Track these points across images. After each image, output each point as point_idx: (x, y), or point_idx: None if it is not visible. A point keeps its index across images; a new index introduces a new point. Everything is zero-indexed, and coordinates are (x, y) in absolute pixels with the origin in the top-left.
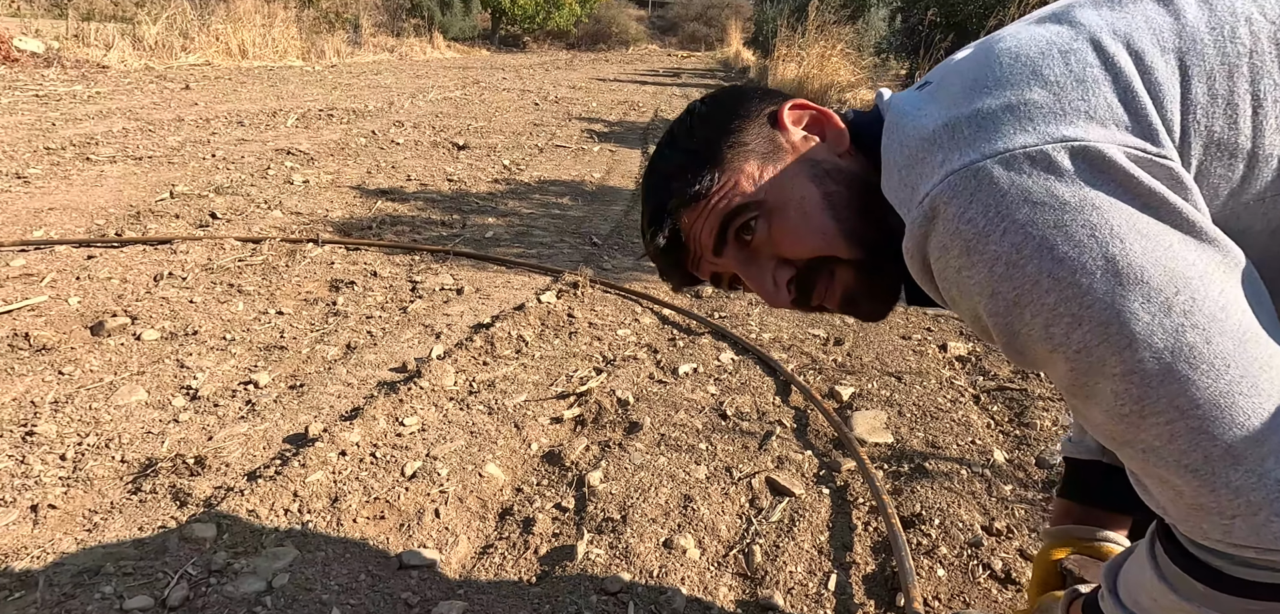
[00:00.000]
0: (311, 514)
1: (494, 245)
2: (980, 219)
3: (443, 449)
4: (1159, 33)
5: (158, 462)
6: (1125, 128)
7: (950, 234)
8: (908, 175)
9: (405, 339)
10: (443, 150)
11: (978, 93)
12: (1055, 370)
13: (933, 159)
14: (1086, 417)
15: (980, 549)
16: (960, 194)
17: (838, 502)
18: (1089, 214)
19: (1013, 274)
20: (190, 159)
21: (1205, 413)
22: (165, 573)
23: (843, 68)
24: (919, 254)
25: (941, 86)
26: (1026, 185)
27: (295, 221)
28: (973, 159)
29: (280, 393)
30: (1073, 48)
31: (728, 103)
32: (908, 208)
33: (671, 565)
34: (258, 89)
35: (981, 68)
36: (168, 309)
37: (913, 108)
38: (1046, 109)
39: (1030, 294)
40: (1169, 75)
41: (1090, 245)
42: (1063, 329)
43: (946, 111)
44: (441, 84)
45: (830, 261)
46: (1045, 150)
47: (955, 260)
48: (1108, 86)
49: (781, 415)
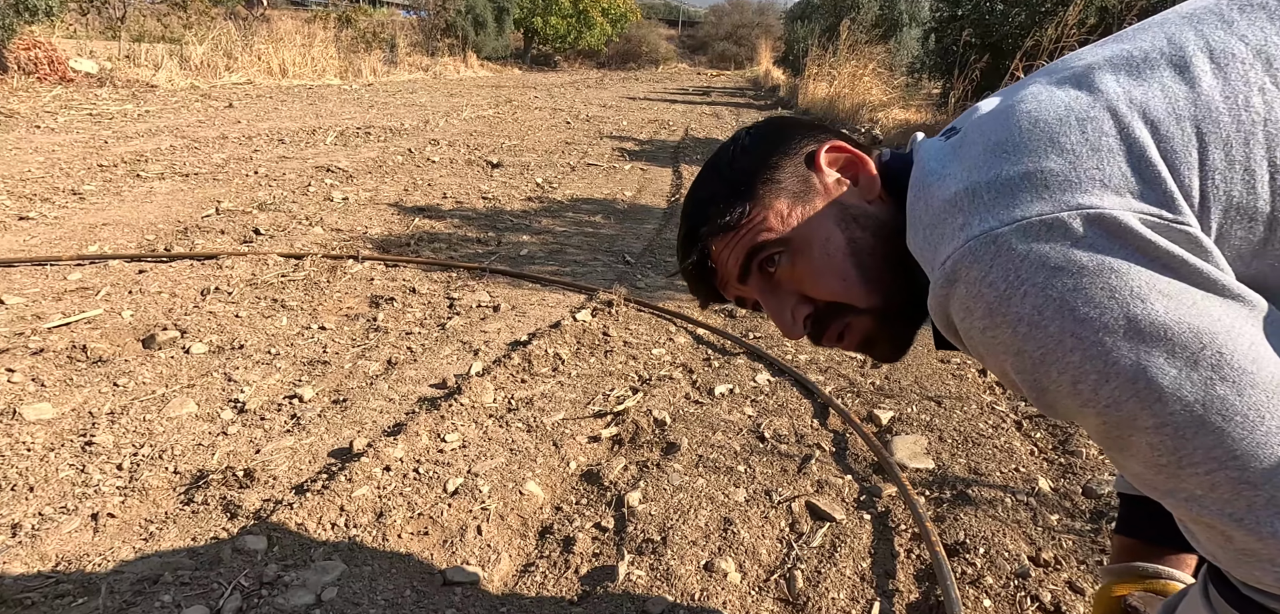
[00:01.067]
0: (358, 528)
1: (529, 263)
2: (1001, 283)
3: (483, 466)
4: (1174, 101)
5: (209, 473)
6: (1140, 195)
7: (973, 297)
8: (931, 235)
9: (444, 356)
10: (477, 168)
11: (998, 158)
12: (1088, 424)
13: (954, 222)
14: (1126, 467)
15: (1027, 580)
16: (980, 260)
17: (879, 528)
18: (1107, 277)
19: (1036, 334)
20: (234, 176)
21: (1244, 463)
22: (219, 584)
23: (875, 87)
24: (942, 312)
25: (965, 143)
26: (1044, 252)
27: (335, 238)
28: (991, 226)
29: (324, 407)
30: (1090, 116)
31: (771, 136)
32: (930, 267)
33: (713, 589)
34: (297, 107)
35: (1003, 130)
36: (215, 323)
37: (938, 165)
38: (1062, 178)
39: (1055, 353)
40: (1185, 143)
41: (1110, 306)
42: (1090, 386)
43: (968, 175)
44: (475, 102)
45: (848, 308)
46: (1061, 218)
47: (980, 322)
48: (1122, 156)
49: (820, 438)
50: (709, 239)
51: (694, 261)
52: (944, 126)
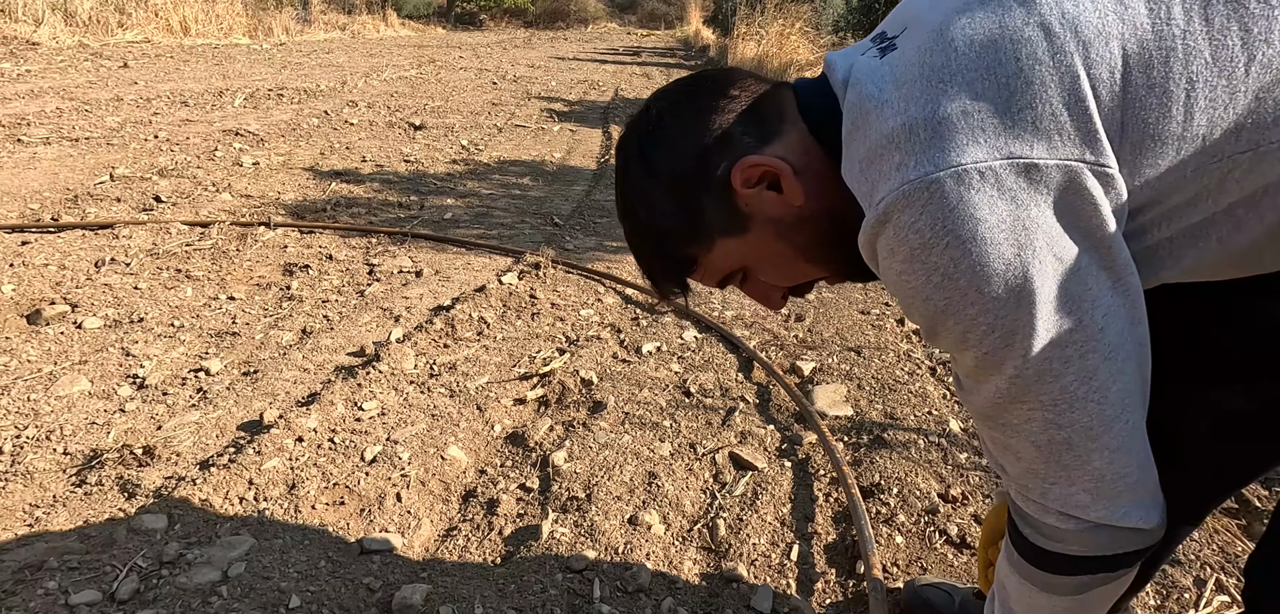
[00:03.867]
0: (268, 502)
1: (453, 227)
2: (926, 230)
3: (403, 433)
4: (1104, 17)
5: (103, 453)
6: (1068, 136)
7: (899, 239)
8: (867, 170)
9: (363, 323)
10: (399, 131)
11: (935, 88)
12: (959, 359)
13: (891, 160)
14: (969, 393)
15: (937, 516)
16: (913, 203)
17: (800, 474)
18: (1019, 234)
19: (946, 285)
20: (131, 141)
21: (1062, 409)
22: (114, 566)
23: (802, 46)
24: (870, 247)
25: (902, 63)
26: (973, 201)
27: (246, 205)
28: (927, 171)
29: (233, 380)
30: (1023, 38)
31: (676, 166)
32: (866, 202)
33: (637, 541)
34: (202, 68)
35: (940, 54)
36: (111, 296)
37: (876, 88)
38: (996, 121)
39: (957, 304)
40: (1112, 68)
41: (1015, 263)
42: (977, 335)
43: (906, 108)
44: (396, 63)
45: (817, 278)
46: (994, 167)
47: (899, 264)
48: (1054, 90)
49: (744, 391)
50: (677, 292)
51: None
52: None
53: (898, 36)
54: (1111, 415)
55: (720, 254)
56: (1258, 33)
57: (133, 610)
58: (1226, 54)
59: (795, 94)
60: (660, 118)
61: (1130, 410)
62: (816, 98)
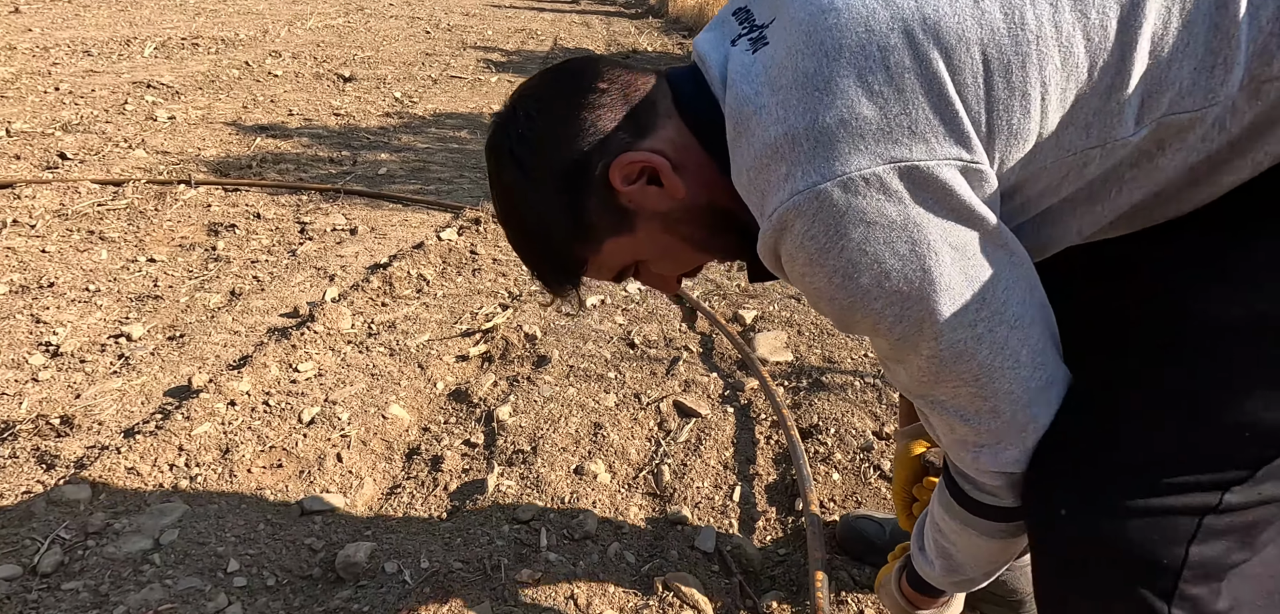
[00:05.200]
0: (200, 468)
1: (388, 183)
2: (821, 237)
3: (342, 393)
4: (962, 23)
5: (16, 424)
6: (942, 137)
7: (797, 246)
8: (756, 178)
9: (296, 283)
10: (327, 82)
11: (811, 96)
12: (877, 346)
13: (777, 171)
14: (894, 374)
15: (871, 453)
16: (804, 213)
17: (742, 419)
18: (912, 230)
19: (848, 284)
20: (28, 93)
21: (983, 382)
22: (34, 539)
23: None
24: (771, 255)
25: (774, 64)
26: (862, 207)
27: (162, 161)
28: (814, 182)
29: (158, 345)
30: (889, 45)
31: (553, 167)
32: (758, 212)
33: (583, 490)
34: (104, 14)
35: (811, 56)
36: (15, 260)
37: (751, 89)
38: (875, 128)
39: (862, 300)
40: (974, 73)
41: (911, 258)
42: (887, 324)
43: (785, 117)
44: (321, 11)
45: (707, 262)
46: (877, 173)
47: (801, 267)
48: (923, 96)
49: (688, 341)
50: (569, 290)
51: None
52: (718, 15)
53: (768, 27)
54: (1026, 377)
55: (610, 252)
56: (1098, 41)
57: (57, 583)
58: (1073, 59)
59: (670, 84)
60: (530, 119)
61: (1042, 368)
62: (692, 90)
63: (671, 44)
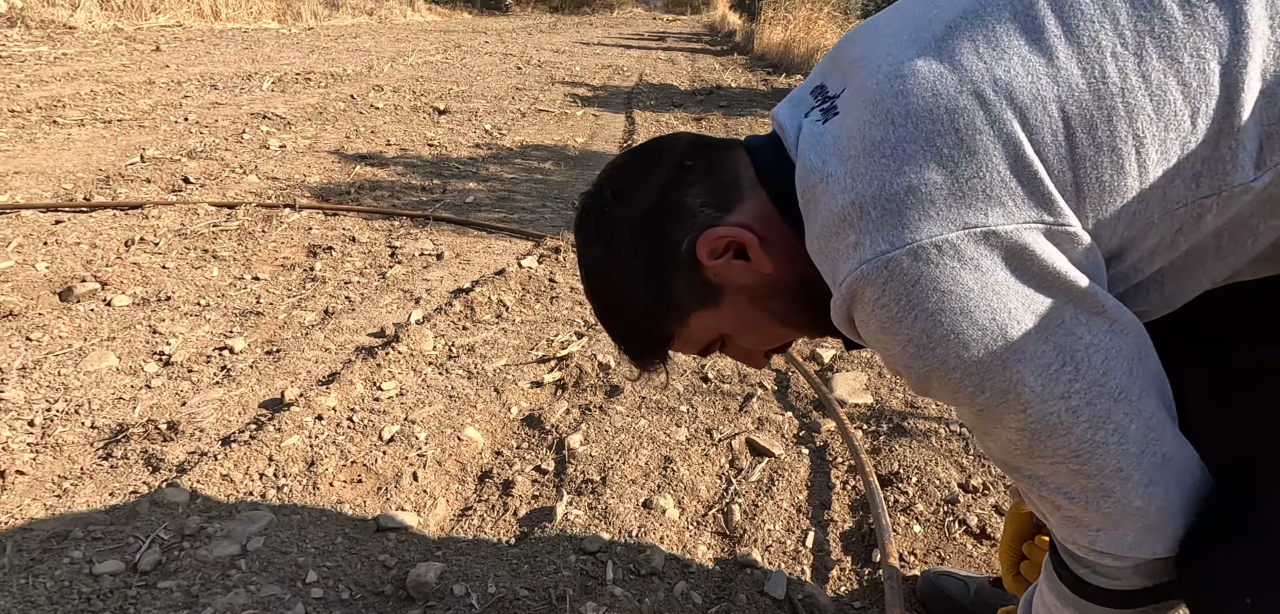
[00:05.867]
0: (287, 478)
1: (475, 210)
2: (893, 306)
3: (421, 413)
4: (1037, 82)
5: (129, 427)
6: (1021, 201)
7: (870, 315)
8: (826, 247)
9: (384, 304)
10: (423, 115)
11: (878, 164)
12: (961, 414)
13: (846, 239)
14: (983, 444)
15: (956, 506)
16: (874, 282)
17: (817, 461)
18: (990, 298)
19: (923, 354)
20: (161, 123)
21: (1085, 458)
22: (137, 537)
23: (830, 31)
24: (846, 322)
25: (843, 134)
26: (934, 276)
27: (272, 186)
28: (883, 250)
29: (256, 358)
30: (959, 107)
31: (642, 243)
32: (830, 280)
33: (651, 525)
34: (232, 52)
35: (879, 126)
36: (139, 275)
37: (819, 159)
38: (947, 193)
39: (939, 369)
40: (1053, 131)
41: (991, 328)
42: (967, 394)
43: (852, 185)
44: (422, 47)
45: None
46: (950, 240)
47: (875, 334)
48: (999, 158)
49: (763, 378)
50: (658, 364)
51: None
52: (796, 91)
53: (838, 97)
54: (1137, 452)
55: (697, 327)
56: (1196, 86)
57: (154, 581)
58: (1169, 108)
59: (750, 156)
60: (616, 197)
61: (1157, 442)
62: (773, 161)
63: (756, 80)
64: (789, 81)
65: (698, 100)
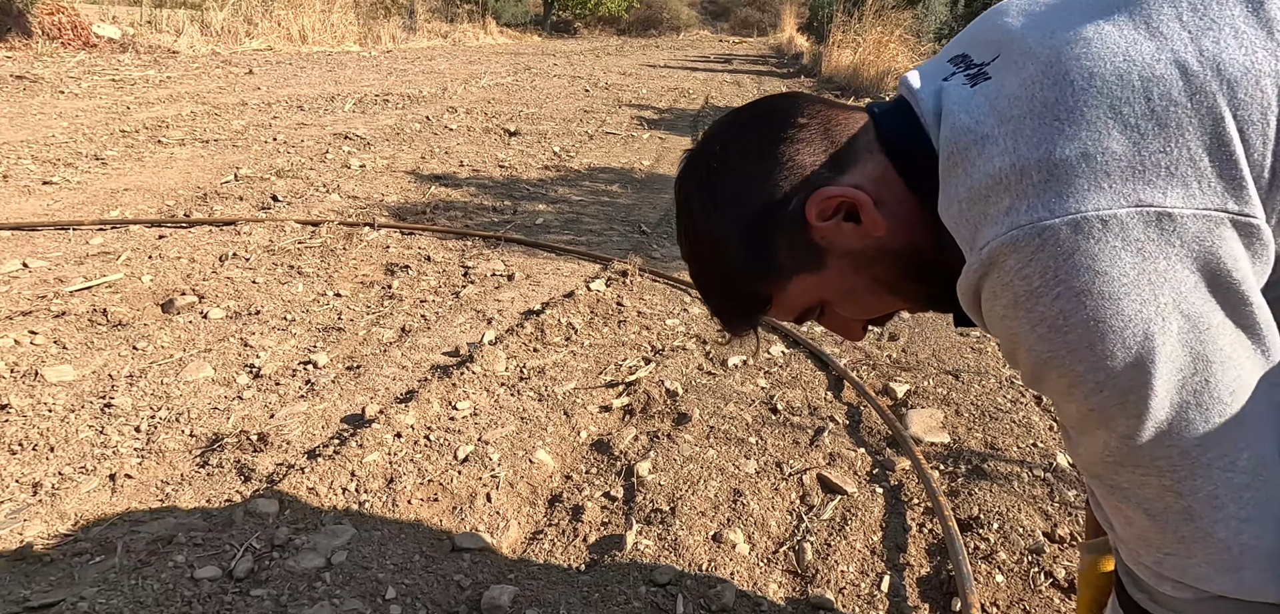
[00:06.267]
0: (368, 494)
1: (544, 232)
2: (1036, 278)
3: (494, 434)
4: (1252, 55)
5: (223, 437)
6: (1207, 184)
7: (1004, 284)
8: (970, 210)
9: (458, 324)
10: (495, 136)
11: (1049, 127)
12: (1064, 409)
13: (998, 203)
14: (1073, 445)
15: (1042, 556)
16: (1021, 249)
17: (892, 501)
18: (1143, 288)
19: (1053, 337)
20: (253, 142)
21: (1182, 476)
22: (232, 545)
23: (901, 54)
24: (972, 292)
25: (1003, 94)
26: (1093, 252)
27: (352, 205)
28: (1040, 217)
29: (338, 373)
30: (1155, 75)
31: (744, 202)
32: (966, 245)
33: (721, 559)
34: (316, 74)
35: (1054, 86)
36: (232, 289)
37: (971, 119)
38: (1125, 164)
39: (1064, 358)
40: (1264, 109)
41: (1136, 321)
42: (1084, 390)
43: (1014, 148)
44: (493, 70)
45: (897, 311)
46: (1119, 215)
47: (1002, 307)
48: (1193, 132)
49: (834, 411)
50: (747, 329)
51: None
52: (930, 60)
53: (989, 64)
54: (1241, 483)
55: (797, 290)
56: None
57: (247, 589)
58: None
59: (873, 120)
60: (725, 151)
61: (1264, 480)
62: (898, 126)
63: None
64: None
65: None
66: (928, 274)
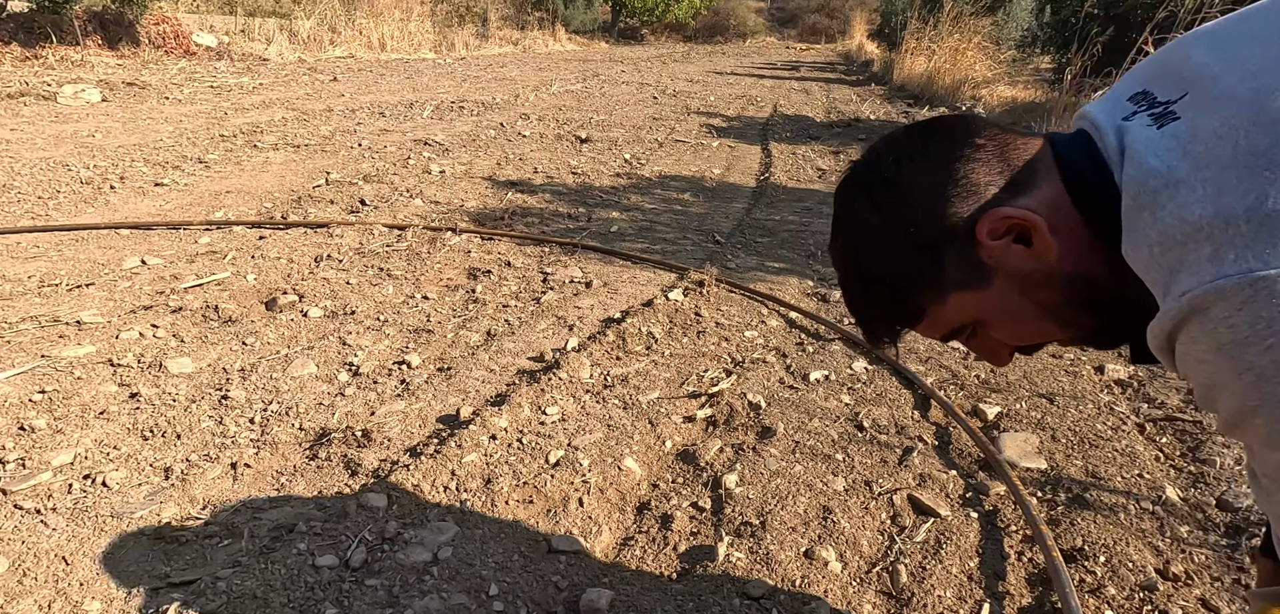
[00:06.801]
0: (468, 493)
1: (619, 240)
2: (1244, 328)
3: (583, 440)
4: None
5: (330, 432)
6: None
7: (1206, 332)
8: (1163, 257)
9: (540, 330)
10: (566, 143)
11: (1256, 176)
12: (1265, 457)
13: (1200, 252)
14: (1267, 494)
15: (1155, 594)
16: (1230, 299)
17: (987, 527)
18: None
19: (1261, 387)
20: (340, 148)
21: None
22: (347, 536)
23: (979, 62)
24: (1164, 337)
25: (1197, 138)
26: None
27: (434, 210)
28: (1253, 268)
29: (430, 374)
30: None
31: (914, 214)
32: (1160, 290)
33: (813, 576)
34: (396, 81)
35: (1258, 133)
36: (328, 289)
37: (1161, 163)
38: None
39: (1269, 408)
40: None
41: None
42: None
43: (1217, 198)
44: (563, 77)
45: (1050, 341)
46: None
47: (1203, 353)
48: None
49: (921, 431)
50: (891, 341)
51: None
52: (1106, 94)
53: (1175, 103)
54: None
55: (954, 307)
56: None
57: (362, 578)
58: None
59: (1052, 147)
60: (898, 164)
61: None
62: (1079, 158)
63: (896, 112)
64: (931, 113)
65: (835, 132)
66: (1096, 306)
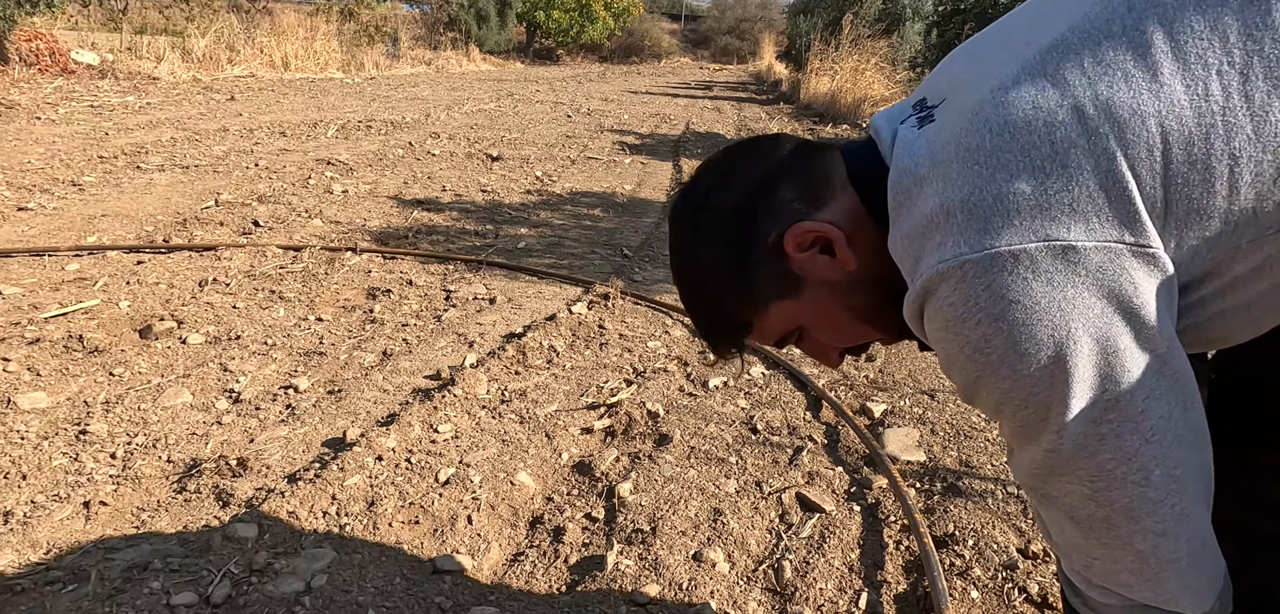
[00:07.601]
0: (349, 517)
1: (526, 256)
2: (960, 306)
3: (475, 457)
4: (1138, 99)
5: (202, 462)
6: (1106, 217)
7: (936, 311)
8: (910, 246)
9: (439, 347)
10: (477, 161)
11: (971, 169)
12: (1000, 425)
13: (931, 240)
14: (1013, 462)
15: (1015, 572)
16: (948, 281)
17: (869, 519)
18: (1054, 315)
19: (979, 358)
20: (234, 168)
21: (1100, 487)
22: (209, 571)
23: (877, 82)
24: (915, 319)
25: (939, 140)
26: (1006, 283)
27: (334, 230)
28: (962, 252)
29: (319, 397)
30: (1057, 121)
31: (728, 232)
32: (908, 276)
33: (701, 578)
34: (299, 100)
35: (976, 134)
36: (212, 314)
37: (911, 163)
38: (1033, 205)
39: (990, 377)
40: (1150, 147)
41: (1048, 345)
42: (1011, 408)
43: (944, 189)
44: (476, 96)
45: (872, 341)
46: (1027, 250)
47: (937, 331)
48: (1090, 173)
49: (812, 431)
50: (736, 351)
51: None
52: (898, 102)
53: (937, 107)
54: (1156, 498)
55: (775, 317)
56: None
57: None
58: (1269, 130)
59: (844, 158)
60: (710, 189)
61: (1178, 495)
62: (865, 166)
63: (802, 130)
64: (835, 131)
65: None
66: (897, 303)
